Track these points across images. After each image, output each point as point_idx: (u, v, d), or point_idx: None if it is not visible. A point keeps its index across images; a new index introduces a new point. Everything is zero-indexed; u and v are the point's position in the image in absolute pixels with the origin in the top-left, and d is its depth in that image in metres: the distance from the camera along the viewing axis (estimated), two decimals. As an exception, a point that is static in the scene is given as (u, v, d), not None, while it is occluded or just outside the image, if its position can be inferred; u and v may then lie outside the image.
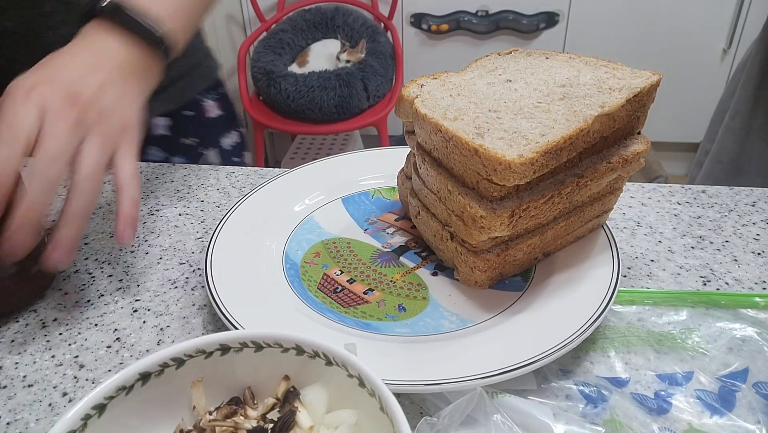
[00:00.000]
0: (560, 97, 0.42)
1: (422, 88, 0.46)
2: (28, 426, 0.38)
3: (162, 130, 0.81)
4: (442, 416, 0.34)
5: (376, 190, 0.58)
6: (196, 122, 0.84)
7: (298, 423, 0.31)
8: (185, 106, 0.82)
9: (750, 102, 0.82)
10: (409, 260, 0.50)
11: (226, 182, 0.64)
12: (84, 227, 0.42)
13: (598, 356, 0.41)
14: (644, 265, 0.50)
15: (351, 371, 0.30)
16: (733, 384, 0.38)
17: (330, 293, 0.46)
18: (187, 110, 0.82)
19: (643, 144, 0.45)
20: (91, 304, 0.48)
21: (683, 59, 2.15)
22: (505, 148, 0.38)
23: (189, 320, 0.46)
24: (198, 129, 0.84)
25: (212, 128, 0.86)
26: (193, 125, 0.83)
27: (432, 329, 0.42)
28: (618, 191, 0.47)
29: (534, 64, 0.48)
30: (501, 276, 0.46)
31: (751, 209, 0.57)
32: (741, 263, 0.50)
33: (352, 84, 1.84)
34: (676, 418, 0.36)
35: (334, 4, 2.10)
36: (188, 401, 0.33)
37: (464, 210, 0.41)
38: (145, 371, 0.31)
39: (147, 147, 0.81)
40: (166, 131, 0.81)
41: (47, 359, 0.43)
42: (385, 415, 0.29)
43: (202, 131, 0.85)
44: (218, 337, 0.32)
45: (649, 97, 0.43)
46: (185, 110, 0.82)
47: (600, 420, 0.36)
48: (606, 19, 2.14)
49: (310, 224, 0.54)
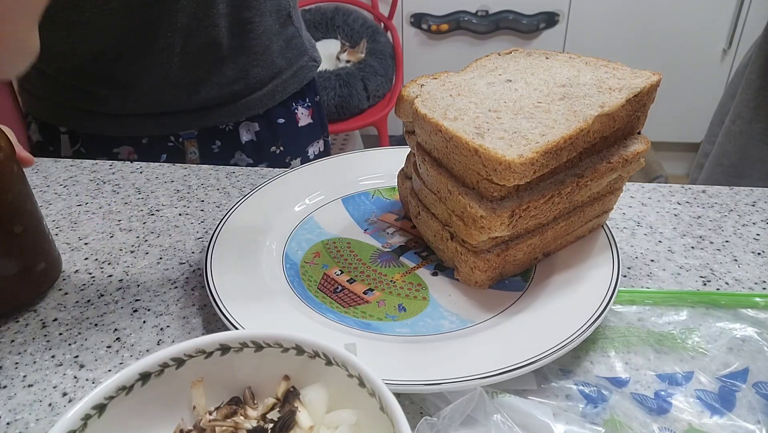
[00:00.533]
0: (560, 97, 0.42)
1: (422, 88, 0.46)
2: (28, 426, 0.38)
3: (250, 136, 0.80)
4: (442, 416, 0.34)
5: (376, 190, 0.58)
6: (287, 130, 0.82)
7: (298, 423, 0.31)
8: (278, 113, 0.81)
9: (751, 106, 0.82)
10: (409, 260, 0.50)
11: (226, 182, 0.64)
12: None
13: (598, 356, 0.41)
14: (644, 265, 0.50)
15: (351, 371, 0.30)
16: (733, 384, 0.38)
17: (330, 293, 0.46)
18: (280, 117, 0.81)
19: (643, 144, 0.45)
20: (91, 304, 0.47)
21: (683, 59, 2.15)
22: (505, 148, 0.38)
23: (189, 320, 0.46)
24: (287, 137, 0.83)
25: (301, 137, 0.85)
26: (283, 133, 0.82)
27: (432, 329, 0.42)
28: (618, 191, 0.47)
29: (534, 64, 0.48)
30: (501, 276, 0.46)
31: (751, 209, 0.57)
32: (741, 263, 0.50)
33: (352, 84, 1.84)
34: (676, 418, 0.36)
35: (334, 4, 2.10)
36: (188, 401, 0.33)
37: (464, 210, 0.41)
38: (145, 371, 0.31)
39: (235, 152, 0.80)
40: (254, 137, 0.80)
41: (47, 359, 0.42)
42: (385, 415, 0.29)
43: (290, 140, 0.83)
44: (218, 337, 0.32)
45: (649, 97, 0.43)
46: (278, 118, 0.81)
47: (600, 420, 0.36)
48: (606, 19, 2.14)
49: (310, 223, 0.54)
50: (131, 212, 0.59)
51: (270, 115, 0.80)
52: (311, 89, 0.85)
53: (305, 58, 0.81)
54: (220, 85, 0.73)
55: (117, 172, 0.66)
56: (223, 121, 0.77)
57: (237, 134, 0.79)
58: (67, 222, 0.58)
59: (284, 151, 0.83)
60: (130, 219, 0.58)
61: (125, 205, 0.60)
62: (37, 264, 0.46)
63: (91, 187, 0.63)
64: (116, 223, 0.57)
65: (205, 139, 0.77)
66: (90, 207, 0.60)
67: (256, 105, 0.77)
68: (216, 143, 0.78)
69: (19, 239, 0.44)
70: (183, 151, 0.77)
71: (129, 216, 0.58)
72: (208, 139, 0.78)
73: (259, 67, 0.75)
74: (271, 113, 0.80)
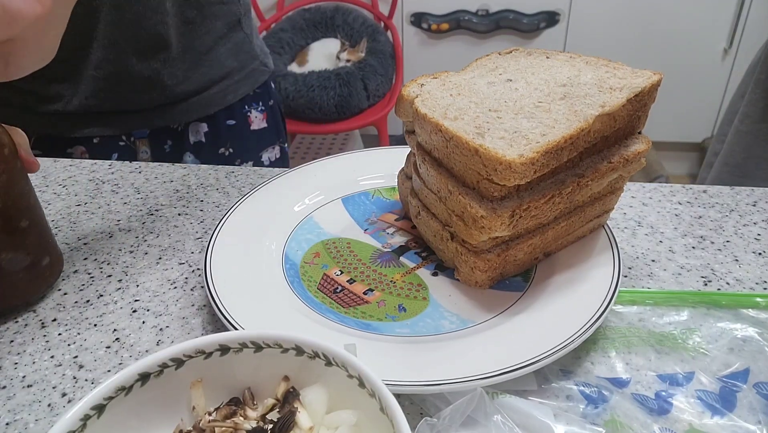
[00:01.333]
0: (561, 97, 0.42)
1: (422, 88, 0.46)
2: (28, 426, 0.38)
3: (199, 137, 0.80)
4: (442, 416, 0.34)
5: (376, 190, 0.58)
6: (238, 133, 0.82)
7: (297, 424, 0.31)
8: (229, 115, 0.81)
9: (759, 106, 0.82)
10: (409, 260, 0.49)
11: (225, 182, 0.63)
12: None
13: (599, 357, 0.41)
14: (645, 265, 0.50)
15: (351, 371, 0.30)
16: (734, 384, 0.38)
17: (330, 293, 0.46)
18: (230, 119, 0.81)
19: (644, 144, 0.45)
20: (91, 304, 0.47)
21: (684, 59, 2.15)
22: (506, 148, 0.38)
23: (188, 320, 0.46)
24: (238, 140, 0.82)
25: (254, 141, 0.85)
26: (234, 136, 0.82)
27: (432, 330, 0.42)
28: (619, 191, 0.47)
29: (534, 63, 0.48)
30: (501, 276, 0.46)
31: (752, 209, 0.57)
32: (742, 263, 0.50)
33: (351, 83, 1.84)
34: (676, 418, 0.36)
35: (333, 4, 2.10)
36: (188, 401, 0.33)
37: (465, 210, 0.41)
38: (145, 371, 0.31)
39: (182, 153, 0.80)
40: (202, 138, 0.80)
41: (46, 359, 0.42)
42: (385, 416, 0.28)
43: (242, 143, 0.83)
44: (218, 337, 0.32)
45: (649, 96, 0.43)
46: (228, 119, 0.81)
47: (600, 421, 0.36)
48: (606, 19, 2.14)
49: (309, 224, 0.54)
50: (130, 212, 0.59)
51: (218, 117, 0.80)
52: (266, 93, 0.85)
53: (256, 63, 0.83)
54: (169, 84, 0.74)
55: (116, 172, 0.66)
56: (176, 120, 0.78)
57: (186, 134, 0.79)
58: (66, 222, 0.58)
59: (233, 153, 0.83)
60: (129, 219, 0.58)
61: (124, 205, 0.60)
62: (42, 258, 0.46)
63: (90, 187, 0.63)
64: (115, 223, 0.57)
65: (156, 139, 0.78)
66: (89, 207, 0.60)
67: (207, 104, 0.78)
68: (167, 143, 0.79)
69: (26, 233, 0.44)
70: (135, 150, 0.78)
71: (128, 216, 0.58)
72: (159, 138, 0.78)
73: (206, 66, 0.76)
74: (219, 114, 0.80)
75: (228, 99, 0.80)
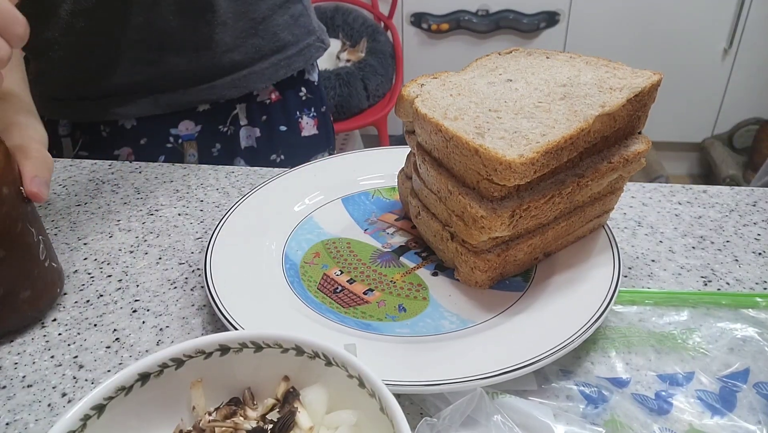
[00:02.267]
0: (561, 97, 0.42)
1: (422, 88, 0.46)
2: (27, 427, 0.38)
3: (250, 142, 0.78)
4: (442, 416, 0.34)
5: (376, 190, 0.58)
6: (289, 139, 0.81)
7: (297, 424, 0.31)
8: (280, 120, 0.79)
9: None
10: (409, 260, 0.49)
11: (225, 182, 0.63)
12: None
13: (599, 357, 0.41)
14: (645, 265, 0.50)
15: (351, 371, 0.30)
16: (734, 384, 0.38)
17: (330, 293, 0.46)
18: (282, 125, 0.80)
19: (644, 144, 0.45)
20: (90, 304, 0.47)
21: (684, 59, 2.15)
22: (506, 148, 0.38)
23: (188, 320, 0.46)
24: (288, 146, 0.81)
25: (304, 147, 0.83)
26: (284, 141, 0.80)
27: (432, 330, 0.42)
28: (619, 191, 0.47)
29: (534, 63, 0.48)
30: (501, 276, 0.46)
31: (752, 209, 0.57)
32: (742, 263, 0.50)
33: (351, 83, 1.84)
34: (676, 418, 0.36)
35: (333, 3, 2.10)
36: (188, 401, 0.33)
37: (465, 210, 0.41)
38: (145, 371, 0.31)
39: (234, 157, 0.79)
40: (254, 143, 0.79)
41: (46, 359, 0.42)
42: (385, 416, 0.28)
43: (292, 149, 0.82)
44: (218, 337, 0.32)
45: (649, 96, 0.43)
46: (280, 125, 0.79)
47: (600, 421, 0.36)
48: (606, 19, 2.13)
49: (309, 224, 0.54)
50: (130, 212, 0.59)
51: (272, 122, 0.78)
52: (318, 99, 0.83)
53: (313, 38, 0.79)
54: (217, 51, 0.70)
55: (116, 172, 0.66)
56: (225, 95, 0.74)
57: (237, 138, 0.78)
58: (66, 222, 0.58)
59: (285, 160, 0.81)
60: (130, 219, 0.58)
61: (124, 205, 0.60)
62: (21, 291, 0.43)
63: (90, 188, 0.63)
64: (115, 223, 0.57)
65: (204, 142, 0.77)
66: (89, 207, 0.60)
67: (257, 79, 0.74)
68: (216, 146, 0.78)
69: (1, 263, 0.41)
70: (182, 153, 0.77)
71: (128, 216, 0.58)
72: (207, 141, 0.77)
73: (259, 37, 0.72)
74: (273, 119, 0.78)
75: (281, 74, 0.76)
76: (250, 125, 0.78)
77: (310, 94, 0.82)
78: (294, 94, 0.81)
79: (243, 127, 0.78)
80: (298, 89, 0.81)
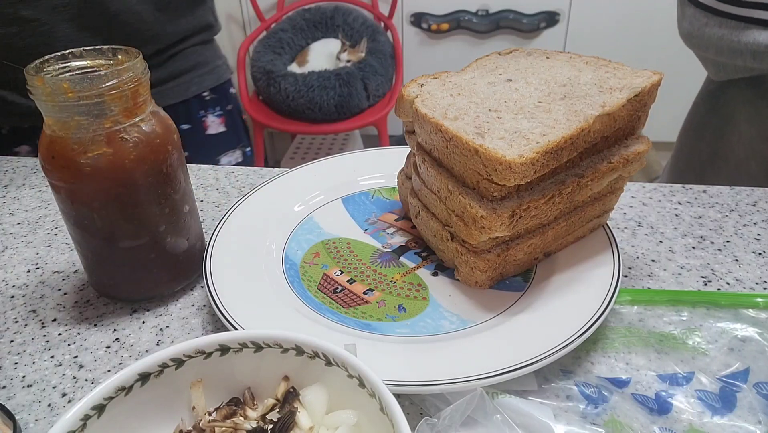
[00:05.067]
0: (561, 97, 0.42)
1: (422, 88, 0.46)
2: (27, 426, 0.38)
3: None
4: (442, 416, 0.34)
5: (376, 190, 0.58)
6: (192, 137, 0.82)
7: (297, 424, 0.31)
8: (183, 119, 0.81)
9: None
10: (409, 260, 0.49)
11: (225, 182, 0.63)
12: None
13: (599, 357, 0.41)
14: (645, 265, 0.50)
15: (351, 371, 0.30)
16: (734, 384, 0.38)
17: (330, 293, 0.46)
18: (185, 124, 0.81)
19: (644, 144, 0.45)
20: (90, 304, 0.47)
21: (684, 58, 2.15)
22: (506, 148, 0.38)
23: (188, 320, 0.46)
24: (192, 144, 0.82)
25: (209, 145, 0.84)
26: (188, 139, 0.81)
27: (432, 330, 0.42)
28: (619, 191, 0.47)
29: (534, 63, 0.48)
30: (501, 276, 0.46)
31: (752, 209, 0.57)
32: (742, 263, 0.50)
33: (351, 84, 1.84)
34: (676, 418, 0.36)
35: (333, 4, 2.10)
36: (188, 401, 0.33)
37: (464, 210, 0.41)
38: (145, 371, 0.31)
39: None
40: None
41: (46, 359, 0.42)
42: (385, 416, 0.28)
43: (196, 147, 0.83)
44: (218, 337, 0.32)
45: (650, 96, 0.43)
46: (183, 124, 0.80)
47: (601, 421, 0.36)
48: (606, 19, 2.13)
49: (309, 223, 0.54)
50: (131, 212, 0.59)
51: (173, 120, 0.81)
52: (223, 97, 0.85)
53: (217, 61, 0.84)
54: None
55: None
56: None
57: None
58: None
59: (190, 157, 0.82)
60: (130, 219, 0.58)
61: (125, 205, 0.60)
62: (196, 243, 0.48)
63: (91, 187, 0.63)
64: (116, 223, 0.57)
65: None
66: (89, 207, 0.60)
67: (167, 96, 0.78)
68: None
69: (187, 217, 0.46)
70: None
71: (128, 216, 0.58)
72: None
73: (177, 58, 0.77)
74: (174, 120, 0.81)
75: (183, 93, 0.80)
76: None
77: (215, 94, 0.84)
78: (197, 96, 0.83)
79: None
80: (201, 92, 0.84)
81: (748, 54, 0.63)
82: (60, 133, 0.39)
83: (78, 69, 0.41)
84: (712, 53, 0.69)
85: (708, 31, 0.66)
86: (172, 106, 0.80)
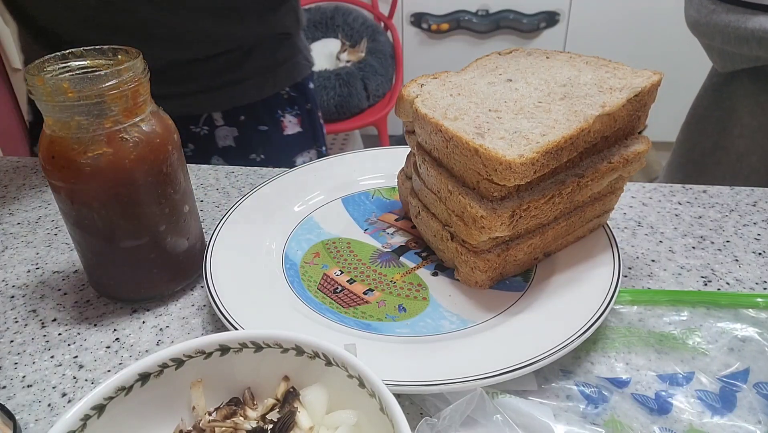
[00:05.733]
0: (561, 97, 0.42)
1: (422, 88, 0.46)
2: (27, 426, 0.38)
3: (228, 141, 0.78)
4: (442, 416, 0.34)
5: (376, 190, 0.58)
6: (269, 138, 0.80)
7: (297, 424, 0.31)
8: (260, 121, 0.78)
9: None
10: (409, 260, 0.49)
11: (225, 182, 0.63)
12: None
13: (599, 357, 0.41)
14: (645, 265, 0.50)
15: (351, 371, 0.30)
16: (734, 384, 0.38)
17: (330, 293, 0.46)
18: (262, 125, 0.79)
19: (644, 144, 0.45)
20: (90, 304, 0.47)
21: (684, 58, 2.15)
22: (506, 148, 0.38)
23: (188, 320, 0.46)
24: (269, 146, 0.80)
25: (286, 147, 0.82)
26: (265, 141, 0.80)
27: (432, 330, 0.42)
28: (619, 191, 0.47)
29: (534, 63, 0.48)
30: (501, 276, 0.46)
31: (752, 209, 0.57)
32: (742, 263, 0.50)
33: (351, 84, 1.84)
34: (676, 418, 0.36)
35: (333, 4, 2.10)
36: (188, 401, 0.33)
37: (464, 210, 0.41)
38: (145, 371, 0.31)
39: (208, 157, 0.78)
40: (232, 143, 0.78)
41: (46, 359, 0.42)
42: (385, 416, 0.28)
43: (273, 149, 0.81)
44: (218, 337, 0.32)
45: (650, 96, 0.43)
46: (260, 125, 0.79)
47: (600, 421, 0.36)
48: (606, 19, 2.14)
49: (309, 223, 0.54)
50: (131, 212, 0.59)
51: (250, 121, 0.78)
52: (302, 96, 0.82)
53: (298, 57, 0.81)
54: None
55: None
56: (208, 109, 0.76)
57: (213, 138, 0.77)
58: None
59: (265, 159, 0.81)
60: (130, 219, 0.58)
61: (125, 205, 0.60)
62: (196, 243, 0.48)
63: (91, 187, 0.63)
64: (116, 223, 0.57)
65: None
66: (89, 207, 0.60)
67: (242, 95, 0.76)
68: (189, 146, 0.77)
69: (187, 217, 0.46)
70: None
71: (128, 216, 0.58)
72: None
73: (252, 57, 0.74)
74: (252, 119, 0.78)
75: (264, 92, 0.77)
76: (227, 125, 0.77)
77: (294, 92, 0.81)
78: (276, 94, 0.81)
79: (219, 127, 0.77)
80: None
81: (754, 41, 0.63)
82: (60, 133, 0.39)
83: (78, 69, 0.41)
84: (719, 41, 0.69)
85: (715, 18, 0.67)
86: (252, 106, 0.78)
